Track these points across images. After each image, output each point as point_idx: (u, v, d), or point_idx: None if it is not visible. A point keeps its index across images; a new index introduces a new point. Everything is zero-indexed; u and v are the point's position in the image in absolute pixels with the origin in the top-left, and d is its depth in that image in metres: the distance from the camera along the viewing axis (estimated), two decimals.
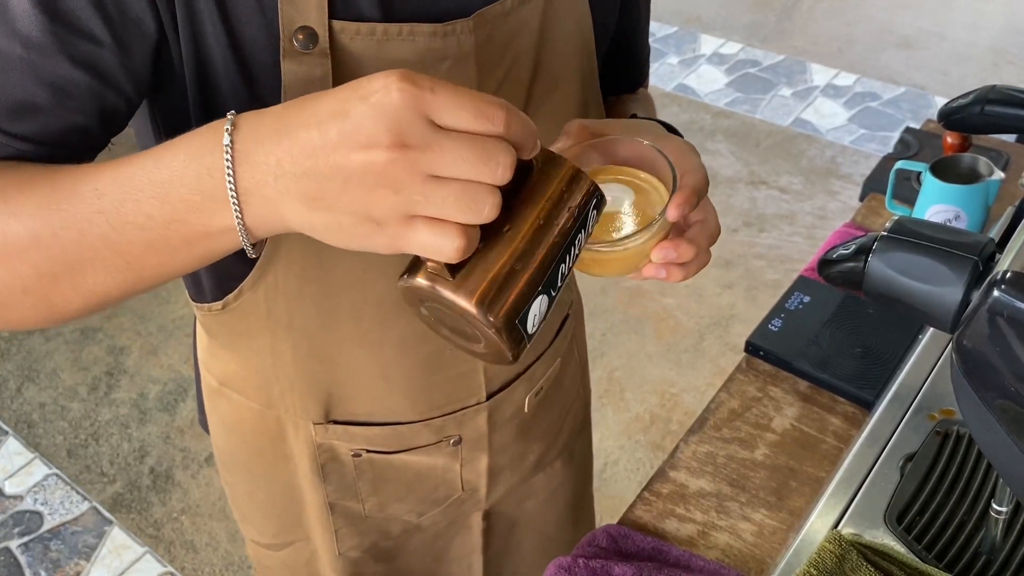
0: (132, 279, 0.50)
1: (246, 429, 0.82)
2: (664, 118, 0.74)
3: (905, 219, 0.49)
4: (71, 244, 0.48)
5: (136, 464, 2.11)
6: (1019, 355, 0.40)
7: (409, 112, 0.41)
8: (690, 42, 3.71)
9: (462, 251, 0.43)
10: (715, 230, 0.62)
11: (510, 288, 0.46)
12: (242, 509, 0.91)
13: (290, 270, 0.65)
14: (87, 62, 0.51)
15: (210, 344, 0.79)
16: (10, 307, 0.51)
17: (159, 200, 0.46)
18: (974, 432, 0.45)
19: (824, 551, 0.66)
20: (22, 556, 1.91)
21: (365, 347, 0.72)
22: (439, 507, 0.88)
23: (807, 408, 1.00)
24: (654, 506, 0.91)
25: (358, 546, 0.88)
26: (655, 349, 2.37)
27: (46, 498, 2.03)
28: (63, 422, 2.21)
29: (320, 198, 0.43)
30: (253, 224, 0.46)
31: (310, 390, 0.75)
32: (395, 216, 0.43)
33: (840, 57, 3.54)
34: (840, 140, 3.06)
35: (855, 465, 0.76)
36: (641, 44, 0.86)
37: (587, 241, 0.52)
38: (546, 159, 0.49)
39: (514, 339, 0.47)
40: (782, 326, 1.06)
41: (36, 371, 2.35)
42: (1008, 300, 0.39)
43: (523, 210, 0.47)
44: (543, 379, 0.86)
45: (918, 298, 0.47)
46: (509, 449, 0.87)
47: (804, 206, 2.78)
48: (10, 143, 0.51)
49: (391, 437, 0.79)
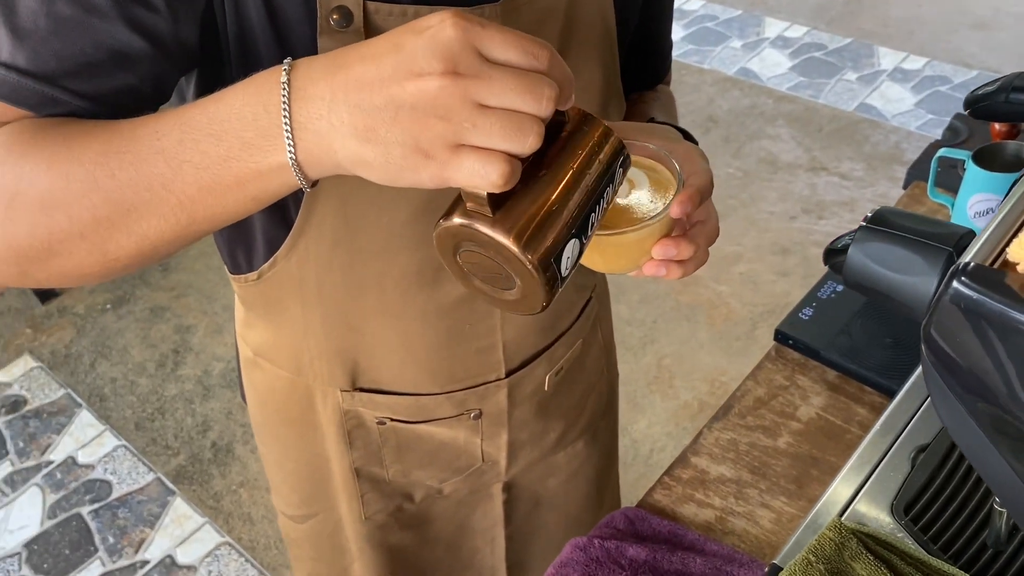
0: (184, 222, 0.51)
1: (278, 398, 0.86)
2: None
3: (887, 209, 0.49)
4: (128, 186, 0.50)
5: (199, 438, 2.20)
6: (976, 346, 0.41)
7: (461, 44, 0.44)
8: (754, 25, 3.65)
9: (507, 177, 0.45)
10: (714, 232, 0.65)
11: (547, 226, 0.48)
12: (273, 479, 0.95)
13: (321, 240, 0.69)
14: (143, 27, 0.54)
15: (246, 315, 0.83)
16: (66, 254, 0.53)
17: (216, 138, 0.48)
18: (944, 419, 0.45)
19: (824, 539, 0.67)
20: (92, 522, 2.03)
21: (388, 318, 0.75)
22: (460, 476, 0.91)
23: (834, 397, 0.99)
24: (673, 491, 0.92)
25: (383, 510, 0.92)
26: (707, 337, 2.36)
27: (115, 468, 2.14)
28: (132, 396, 2.32)
29: (372, 129, 0.45)
30: (305, 160, 0.48)
31: (337, 358, 0.79)
32: (443, 145, 0.45)
33: (910, 40, 3.43)
34: (906, 125, 2.97)
35: (867, 454, 0.76)
36: (663, 38, 0.87)
37: (613, 196, 0.55)
38: (578, 115, 0.52)
39: (549, 278, 0.49)
40: (813, 315, 1.05)
41: (108, 348, 2.46)
42: (965, 292, 0.40)
43: (558, 157, 0.50)
44: (564, 359, 0.88)
45: (895, 288, 0.47)
46: (529, 426, 0.90)
47: (865, 193, 2.72)
48: (71, 100, 0.54)
49: (413, 407, 0.83)
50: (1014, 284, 0.39)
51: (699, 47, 3.55)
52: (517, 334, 0.81)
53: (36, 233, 0.52)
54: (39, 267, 0.53)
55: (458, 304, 0.76)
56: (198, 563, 1.92)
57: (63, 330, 2.53)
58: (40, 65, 0.53)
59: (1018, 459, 0.42)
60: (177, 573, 1.91)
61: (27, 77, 0.53)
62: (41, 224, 0.51)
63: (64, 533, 2.00)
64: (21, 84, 0.53)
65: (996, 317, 0.39)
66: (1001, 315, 0.39)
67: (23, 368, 2.41)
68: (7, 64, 0.53)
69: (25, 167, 0.51)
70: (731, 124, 3.08)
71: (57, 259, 0.53)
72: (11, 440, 2.22)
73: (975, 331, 0.40)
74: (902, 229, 0.47)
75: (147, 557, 1.94)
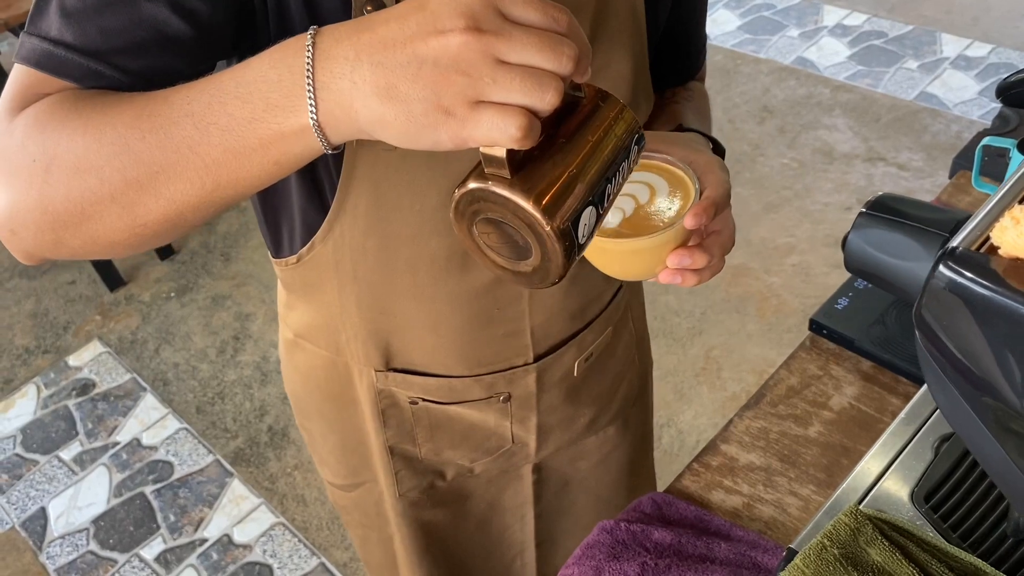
0: (210, 187, 0.52)
1: (319, 376, 0.90)
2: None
3: (887, 196, 0.50)
4: (157, 148, 0.52)
5: (256, 422, 2.28)
6: (962, 328, 0.41)
7: (483, 3, 0.45)
8: (812, 14, 3.58)
9: (526, 130, 0.45)
10: (729, 241, 0.66)
11: (565, 189, 0.49)
12: (319, 452, 1.00)
13: (355, 225, 0.72)
14: (185, 11, 0.57)
15: (288, 298, 0.87)
16: (97, 218, 0.54)
17: (242, 100, 0.50)
18: (938, 400, 0.46)
19: (839, 524, 0.67)
20: (155, 501, 2.12)
21: (420, 301, 0.78)
22: (490, 456, 0.94)
23: (867, 387, 0.99)
24: (702, 477, 0.93)
25: (416, 487, 0.95)
26: (756, 328, 2.34)
27: (176, 450, 2.23)
28: (194, 381, 2.41)
29: (393, 86, 0.46)
30: (326, 121, 0.48)
31: (371, 339, 0.82)
32: (463, 100, 0.45)
33: (974, 26, 3.33)
34: (968, 115, 2.89)
35: (891, 442, 0.76)
36: (695, 33, 0.88)
37: (628, 176, 0.56)
38: (594, 92, 0.53)
39: (566, 243, 0.49)
40: (848, 305, 1.05)
41: (172, 334, 2.56)
42: (949, 275, 0.41)
43: (576, 126, 0.51)
44: (593, 345, 0.90)
45: (893, 273, 0.48)
46: (558, 410, 0.92)
47: (924, 184, 2.66)
48: (115, 74, 0.57)
49: (444, 388, 0.86)
50: (998, 267, 0.40)
51: (755, 36, 3.51)
52: (545, 320, 0.83)
53: (71, 196, 0.53)
54: (73, 232, 0.55)
55: (487, 289, 0.78)
56: (254, 542, 1.99)
57: (130, 317, 2.63)
58: (86, 42, 0.56)
59: (1007, 442, 0.43)
60: (234, 551, 1.98)
61: (73, 52, 0.56)
62: (75, 187, 0.53)
63: (129, 511, 2.09)
64: (67, 58, 0.56)
65: (979, 300, 0.40)
66: (983, 298, 0.39)
67: (92, 353, 2.52)
68: (55, 40, 0.56)
69: (64, 132, 0.54)
70: (786, 114, 3.04)
71: (89, 223, 0.54)
72: (81, 422, 2.32)
73: (960, 314, 0.40)
74: (901, 215, 0.48)
75: (206, 535, 2.02)
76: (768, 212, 2.69)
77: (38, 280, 2.81)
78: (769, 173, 2.83)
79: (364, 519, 1.03)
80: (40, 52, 0.56)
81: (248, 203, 3.22)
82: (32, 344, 2.58)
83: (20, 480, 2.20)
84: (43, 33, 0.56)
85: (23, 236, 0.56)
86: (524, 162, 0.48)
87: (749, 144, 2.96)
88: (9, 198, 0.55)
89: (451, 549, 1.03)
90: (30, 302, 2.72)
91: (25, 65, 0.57)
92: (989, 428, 0.43)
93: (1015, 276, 0.39)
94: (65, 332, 2.60)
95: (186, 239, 2.89)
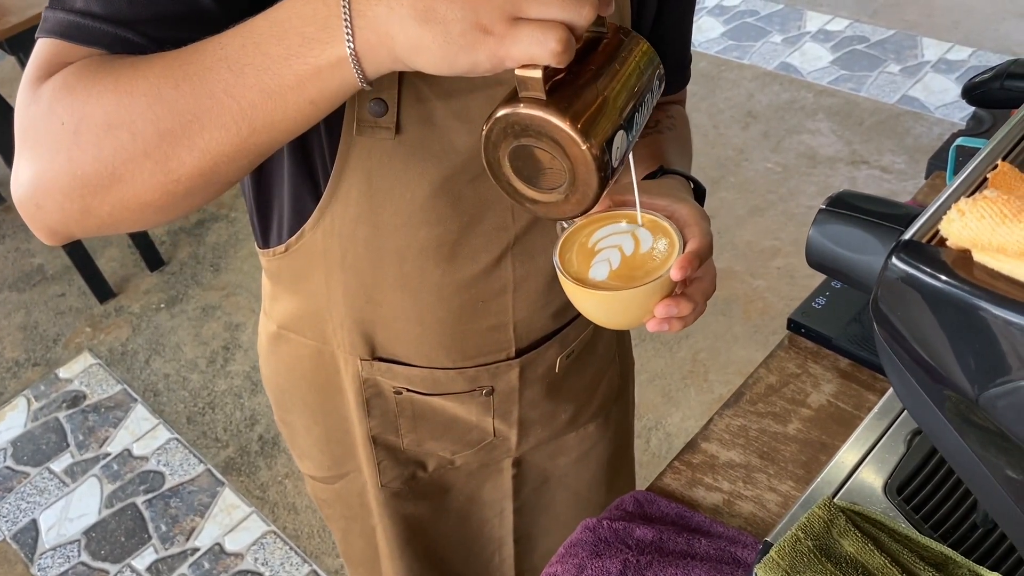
0: (246, 132, 0.52)
1: (305, 366, 0.91)
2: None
3: (847, 193, 0.52)
4: (191, 95, 0.51)
5: (247, 431, 2.29)
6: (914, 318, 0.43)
7: None
8: (795, 19, 3.62)
9: (565, 44, 0.46)
10: (711, 288, 0.69)
11: (599, 110, 0.51)
12: (300, 446, 1.01)
13: (346, 213, 0.73)
14: None
15: (273, 290, 0.88)
16: (128, 178, 0.53)
17: (277, 38, 0.50)
18: (899, 395, 0.47)
19: (813, 516, 0.69)
20: (146, 511, 2.12)
21: (406, 291, 0.79)
22: (472, 449, 0.95)
23: (845, 385, 1.01)
24: (683, 475, 0.95)
25: (399, 477, 0.96)
26: (742, 330, 2.36)
27: (167, 460, 2.23)
28: (184, 391, 2.41)
29: (431, 8, 0.46)
30: (363, 51, 0.49)
31: (357, 328, 0.83)
32: (502, 17, 0.46)
33: (955, 30, 3.37)
34: (950, 117, 2.93)
35: (865, 436, 0.78)
36: (679, 52, 0.90)
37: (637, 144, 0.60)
38: (615, 28, 0.56)
39: (601, 163, 0.51)
40: (826, 304, 1.07)
41: (162, 345, 2.56)
42: (900, 266, 0.42)
43: (603, 57, 0.53)
44: (575, 342, 0.92)
45: (852, 268, 0.50)
46: (540, 405, 0.94)
47: (906, 185, 2.69)
48: (141, 40, 0.57)
49: (428, 380, 0.87)
50: (947, 258, 0.42)
51: (739, 42, 3.54)
52: (528, 315, 0.85)
53: (101, 156, 0.52)
54: (103, 197, 0.54)
55: (472, 282, 0.80)
56: (245, 551, 2.00)
57: (120, 328, 2.64)
58: (114, 12, 0.55)
59: (967, 435, 0.45)
60: (225, 560, 1.98)
61: (101, 21, 0.56)
62: (106, 145, 0.52)
63: (120, 521, 2.10)
64: (95, 27, 0.56)
65: (929, 290, 0.41)
66: (933, 288, 0.41)
67: (83, 365, 2.52)
68: (81, 11, 0.56)
69: (94, 91, 0.53)
70: (770, 119, 3.07)
71: (120, 185, 0.53)
72: (71, 433, 2.33)
73: (914, 304, 0.42)
74: (859, 211, 0.49)
75: (197, 545, 2.02)
76: (753, 216, 2.71)
77: (27, 293, 2.81)
78: (754, 177, 2.86)
79: (346, 511, 1.04)
80: (66, 23, 0.56)
81: (237, 214, 3.21)
82: (22, 356, 2.58)
83: (11, 493, 2.20)
84: (68, 6, 0.56)
85: (49, 209, 0.55)
86: (558, 86, 0.50)
87: (734, 149, 2.98)
88: (35, 169, 0.54)
89: (432, 543, 1.04)
90: (20, 315, 2.73)
91: (50, 37, 0.56)
92: (950, 421, 0.45)
93: (962, 266, 0.41)
94: (55, 344, 2.61)
95: (175, 250, 2.89)
